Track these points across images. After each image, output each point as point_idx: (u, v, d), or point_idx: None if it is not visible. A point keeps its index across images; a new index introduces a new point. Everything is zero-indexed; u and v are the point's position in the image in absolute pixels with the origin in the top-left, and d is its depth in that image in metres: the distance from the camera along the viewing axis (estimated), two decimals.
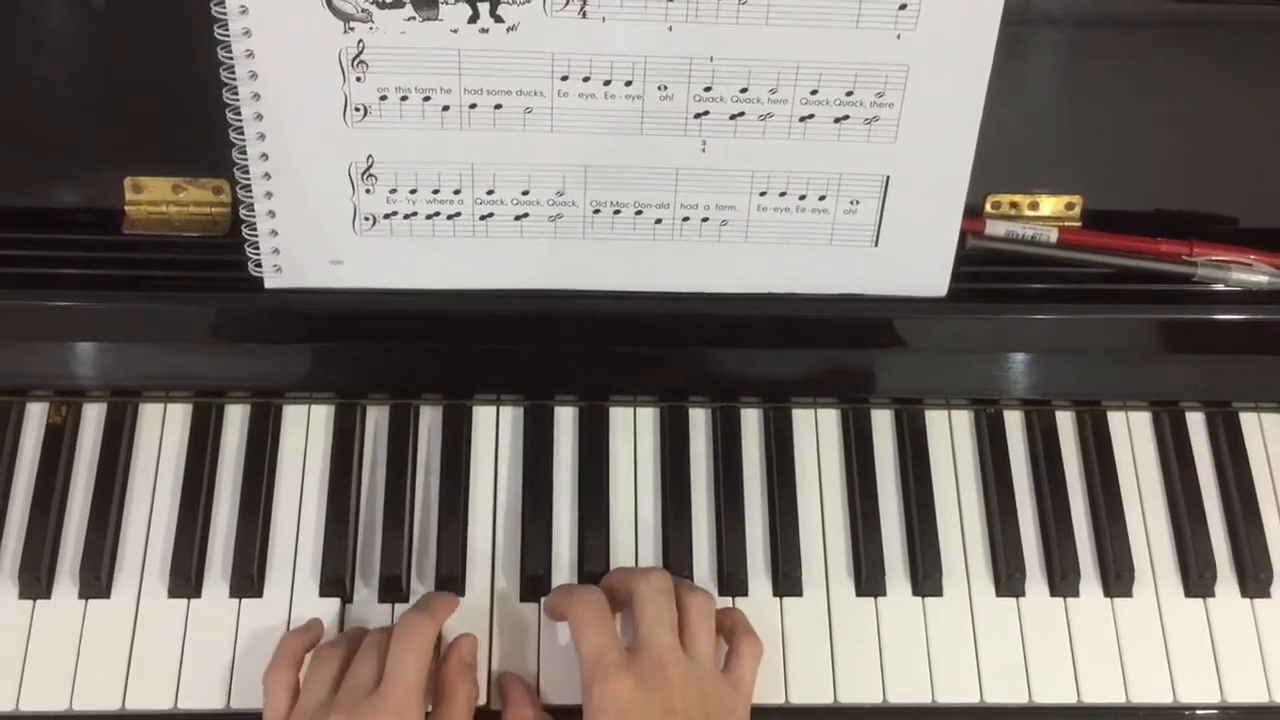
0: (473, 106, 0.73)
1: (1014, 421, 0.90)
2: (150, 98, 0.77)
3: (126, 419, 0.85)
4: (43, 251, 0.80)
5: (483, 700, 0.78)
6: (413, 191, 0.76)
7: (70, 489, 0.84)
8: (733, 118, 0.74)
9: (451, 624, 0.80)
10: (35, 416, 0.85)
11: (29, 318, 0.80)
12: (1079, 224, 0.85)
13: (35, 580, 0.80)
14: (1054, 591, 0.84)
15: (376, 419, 0.87)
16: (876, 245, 0.79)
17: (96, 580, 0.80)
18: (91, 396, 0.86)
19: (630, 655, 0.74)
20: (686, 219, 0.78)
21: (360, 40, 0.70)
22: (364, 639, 0.77)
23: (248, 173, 0.74)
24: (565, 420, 0.88)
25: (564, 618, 0.79)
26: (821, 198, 0.77)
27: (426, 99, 0.72)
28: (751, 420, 0.88)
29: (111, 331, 0.81)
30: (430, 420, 0.87)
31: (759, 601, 0.83)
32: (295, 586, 0.82)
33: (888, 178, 0.77)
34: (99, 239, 0.80)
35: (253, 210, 0.75)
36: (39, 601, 0.80)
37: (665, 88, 0.73)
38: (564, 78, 0.72)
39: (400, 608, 0.81)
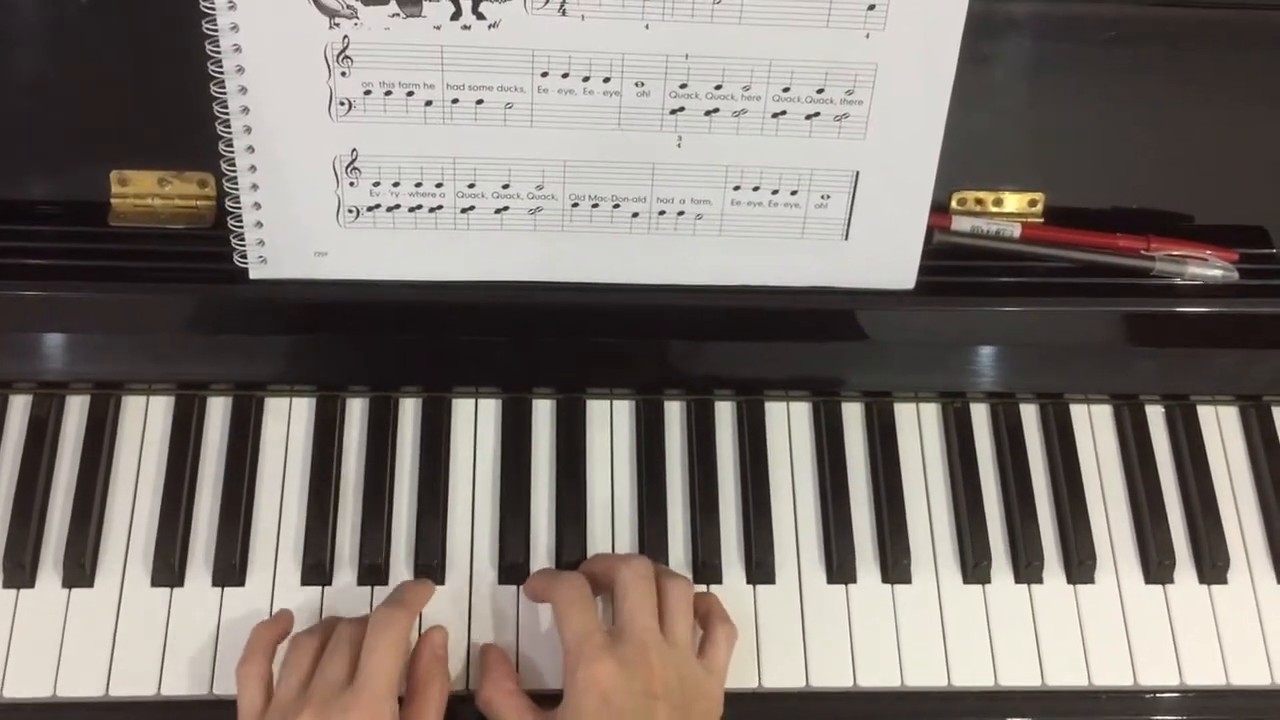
0: (455, 102, 0.74)
1: (980, 414, 0.91)
2: (136, 91, 0.78)
3: (110, 411, 0.86)
4: (28, 243, 0.80)
5: (460, 686, 0.79)
6: (396, 185, 0.77)
7: (54, 479, 0.84)
8: (707, 114, 0.75)
9: (432, 612, 0.81)
10: (19, 408, 0.86)
11: (13, 309, 0.81)
12: (1041, 220, 0.86)
13: (19, 569, 0.80)
14: (1019, 578, 0.86)
15: (357, 411, 0.88)
16: (847, 239, 0.80)
17: (80, 569, 0.81)
18: (75, 389, 0.86)
19: (612, 639, 0.75)
20: (662, 213, 0.79)
21: (345, 36, 0.72)
22: (336, 629, 0.76)
23: (234, 164, 0.75)
24: (543, 412, 0.88)
25: (545, 600, 0.80)
26: (793, 192, 0.79)
27: (410, 94, 0.74)
28: (725, 412, 0.89)
29: (96, 323, 0.82)
30: (410, 412, 0.88)
31: (733, 589, 0.84)
32: (277, 575, 0.82)
33: (857, 173, 0.78)
34: (85, 231, 0.81)
35: (238, 202, 0.76)
36: (23, 590, 0.81)
37: (642, 84, 0.74)
38: (544, 74, 0.73)
39: (380, 591, 0.82)
